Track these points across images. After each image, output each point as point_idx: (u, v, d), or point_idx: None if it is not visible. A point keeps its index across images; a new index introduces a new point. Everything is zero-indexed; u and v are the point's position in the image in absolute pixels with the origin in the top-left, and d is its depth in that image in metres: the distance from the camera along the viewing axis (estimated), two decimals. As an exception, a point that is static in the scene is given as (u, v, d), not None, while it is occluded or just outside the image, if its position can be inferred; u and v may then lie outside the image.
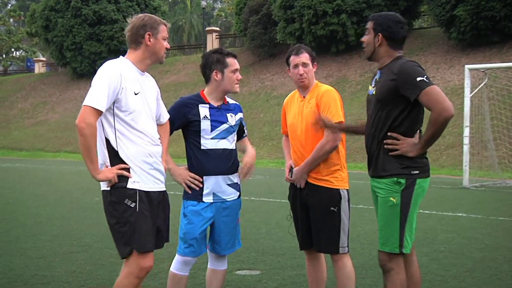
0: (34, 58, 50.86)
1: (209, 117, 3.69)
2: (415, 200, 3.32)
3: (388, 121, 3.31)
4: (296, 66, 3.86)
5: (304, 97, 3.89)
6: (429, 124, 3.21)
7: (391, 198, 3.30)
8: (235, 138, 3.84)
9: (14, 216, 8.65)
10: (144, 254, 3.19)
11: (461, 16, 24.95)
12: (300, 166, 3.80)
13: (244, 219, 8.30)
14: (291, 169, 3.91)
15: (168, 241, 3.51)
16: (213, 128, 3.68)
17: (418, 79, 3.18)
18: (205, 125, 3.67)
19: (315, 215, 3.79)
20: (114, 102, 3.18)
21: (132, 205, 3.17)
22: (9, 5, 75.37)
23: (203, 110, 3.70)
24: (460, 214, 9.18)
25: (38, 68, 47.06)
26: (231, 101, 3.88)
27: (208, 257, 3.91)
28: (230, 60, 3.73)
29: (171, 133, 3.69)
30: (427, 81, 3.18)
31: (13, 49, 59.37)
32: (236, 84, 3.76)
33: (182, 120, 3.68)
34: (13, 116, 39.38)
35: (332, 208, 3.75)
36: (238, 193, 3.82)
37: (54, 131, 33.95)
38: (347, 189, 3.84)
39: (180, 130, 3.76)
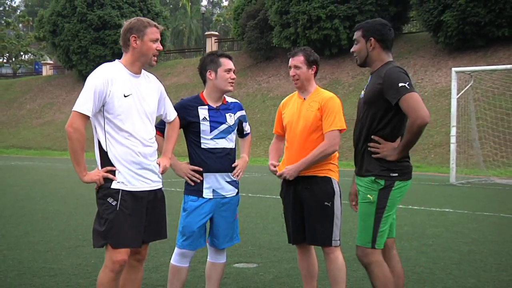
0: (42, 61, 50.79)
1: (208, 119, 3.66)
2: (392, 201, 3.30)
3: (372, 123, 3.32)
4: (290, 67, 3.89)
5: (304, 98, 3.87)
6: (406, 130, 3.22)
7: (368, 195, 3.30)
8: (235, 137, 3.83)
9: (23, 211, 8.62)
10: (118, 249, 3.18)
11: (448, 22, 25.01)
12: (295, 165, 3.76)
13: (241, 215, 8.28)
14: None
15: (166, 237, 3.48)
16: (212, 129, 3.66)
17: (400, 84, 3.16)
18: (205, 126, 3.65)
19: (309, 209, 3.78)
20: (103, 105, 3.18)
21: (114, 203, 3.18)
22: (18, 11, 75.19)
23: (202, 112, 3.68)
24: (448, 210, 9.18)
25: (46, 71, 46.99)
26: (230, 100, 3.84)
27: (208, 250, 3.90)
28: (223, 60, 3.71)
29: None
30: (408, 87, 3.15)
31: (22, 53, 59.27)
32: (230, 83, 3.71)
33: (182, 121, 3.66)
34: (21, 117, 39.32)
35: (326, 203, 3.74)
36: (237, 190, 3.81)
37: (60, 130, 33.87)
38: (338, 184, 3.83)
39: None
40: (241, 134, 3.96)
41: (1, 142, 35.31)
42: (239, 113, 3.83)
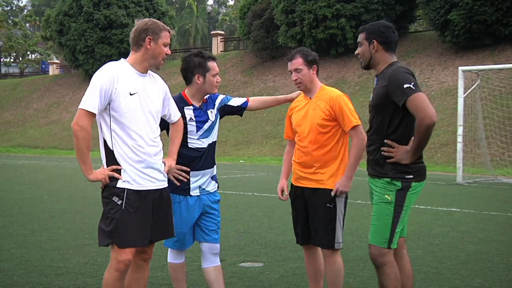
0: (49, 61, 51.00)
1: (194, 119, 3.69)
2: (408, 202, 3.33)
3: (383, 127, 3.32)
4: (291, 72, 3.84)
5: (310, 98, 3.84)
6: (415, 132, 3.21)
7: (386, 196, 3.32)
8: (217, 129, 3.84)
9: (30, 210, 8.66)
10: (123, 249, 3.18)
11: (455, 20, 24.90)
12: (346, 176, 3.67)
13: (247, 214, 8.26)
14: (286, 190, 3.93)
15: (173, 236, 3.49)
16: (198, 129, 3.70)
17: (405, 86, 3.16)
18: (191, 127, 3.68)
19: (313, 211, 3.77)
20: (109, 104, 3.17)
21: (119, 202, 3.18)
22: (25, 10, 75.51)
23: (188, 112, 3.69)
24: (454, 209, 9.15)
25: (53, 70, 47.15)
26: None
27: (202, 257, 3.80)
28: (211, 64, 3.71)
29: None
30: (413, 88, 3.16)
31: (29, 52, 59.59)
32: (216, 86, 3.76)
33: (167, 123, 3.64)
34: (28, 116, 39.49)
35: (328, 205, 3.72)
36: (217, 184, 3.87)
37: (67, 129, 33.97)
38: None
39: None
40: (241, 110, 3.95)
41: (8, 141, 35.49)
42: (217, 104, 3.85)
